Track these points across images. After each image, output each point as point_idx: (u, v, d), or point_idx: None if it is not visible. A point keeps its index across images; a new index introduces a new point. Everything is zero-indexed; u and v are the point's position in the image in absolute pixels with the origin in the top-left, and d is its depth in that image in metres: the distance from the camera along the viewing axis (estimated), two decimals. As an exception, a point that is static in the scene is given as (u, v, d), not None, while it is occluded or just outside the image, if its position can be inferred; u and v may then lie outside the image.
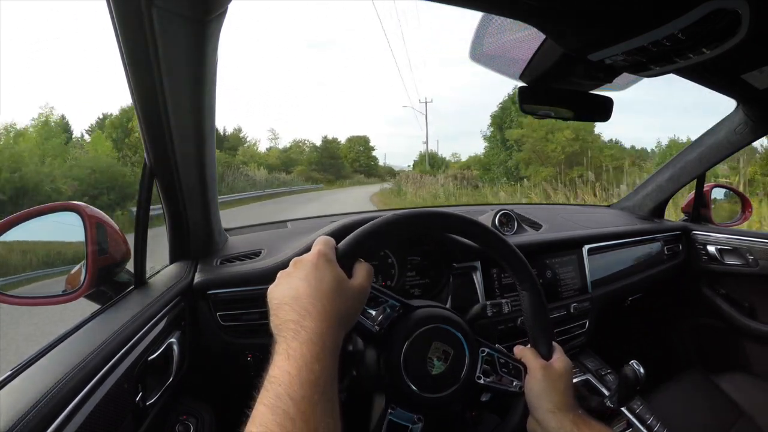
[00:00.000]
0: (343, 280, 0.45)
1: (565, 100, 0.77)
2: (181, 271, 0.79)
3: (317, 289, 0.42)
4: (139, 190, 0.69)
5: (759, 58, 0.69)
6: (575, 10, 0.49)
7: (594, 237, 1.14)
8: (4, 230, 0.61)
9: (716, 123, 1.19)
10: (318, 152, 40.88)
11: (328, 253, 0.47)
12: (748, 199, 1.43)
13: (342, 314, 0.43)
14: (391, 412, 0.54)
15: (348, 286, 0.45)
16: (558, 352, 0.61)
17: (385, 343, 0.54)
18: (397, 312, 0.56)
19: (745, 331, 1.26)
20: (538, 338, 0.61)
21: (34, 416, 0.37)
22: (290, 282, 0.44)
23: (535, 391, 0.56)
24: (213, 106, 0.61)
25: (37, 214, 0.63)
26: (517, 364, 0.60)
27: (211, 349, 0.79)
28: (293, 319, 0.40)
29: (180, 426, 0.69)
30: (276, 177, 24.55)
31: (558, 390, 0.56)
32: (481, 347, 0.59)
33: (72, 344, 0.51)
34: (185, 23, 0.44)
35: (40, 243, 0.71)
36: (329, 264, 0.45)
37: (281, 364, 0.37)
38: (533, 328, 0.62)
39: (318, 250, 0.46)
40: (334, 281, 0.44)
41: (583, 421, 0.53)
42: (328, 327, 0.40)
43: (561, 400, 0.55)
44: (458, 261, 0.93)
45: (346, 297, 0.44)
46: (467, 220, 0.59)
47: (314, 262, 0.45)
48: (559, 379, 0.57)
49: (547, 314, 0.62)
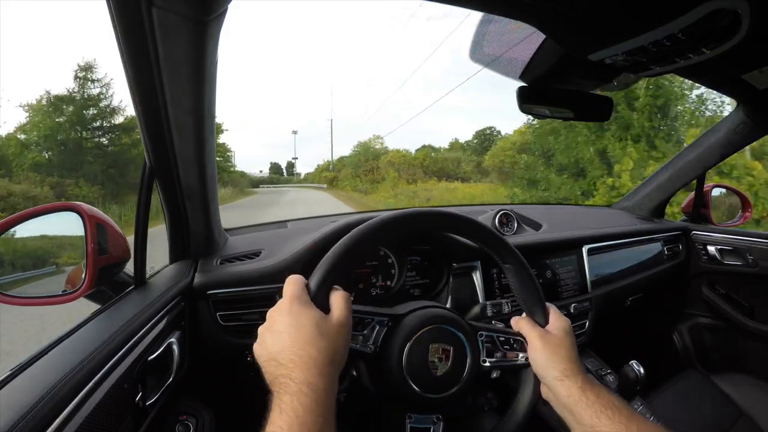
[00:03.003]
0: (321, 319, 0.44)
1: (565, 100, 0.77)
2: (181, 271, 0.79)
3: (297, 337, 0.42)
4: (139, 190, 0.69)
5: (759, 58, 0.69)
6: (575, 10, 0.49)
7: (594, 237, 1.14)
8: (4, 230, 0.61)
9: (716, 123, 1.19)
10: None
11: (300, 295, 0.46)
12: (748, 199, 1.43)
13: (330, 354, 0.42)
14: (410, 421, 0.55)
15: (328, 324, 0.44)
16: (553, 315, 0.60)
17: (384, 359, 0.54)
18: (386, 326, 0.55)
19: (744, 331, 1.26)
20: (531, 307, 0.60)
21: (34, 416, 0.37)
22: (272, 336, 0.44)
23: (539, 361, 0.56)
24: (213, 106, 0.61)
25: (37, 213, 0.63)
26: (517, 338, 0.60)
27: (211, 349, 0.79)
28: (282, 372, 0.41)
29: (180, 426, 0.69)
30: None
31: (560, 357, 0.55)
32: (479, 331, 0.59)
33: (72, 344, 0.51)
34: (185, 23, 0.44)
35: (40, 243, 0.71)
36: (303, 307, 0.45)
37: (274, 419, 0.38)
38: (525, 299, 0.61)
39: (289, 294, 0.46)
40: (312, 324, 0.43)
41: (591, 387, 0.52)
42: (317, 374, 0.40)
43: (566, 367, 0.54)
44: (458, 261, 0.93)
45: (328, 336, 0.43)
46: (432, 213, 0.58)
47: (288, 310, 0.44)
48: (559, 346, 0.56)
49: (534, 281, 0.60)
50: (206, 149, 0.66)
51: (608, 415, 0.48)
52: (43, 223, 0.64)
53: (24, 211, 0.62)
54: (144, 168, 0.69)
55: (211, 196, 0.77)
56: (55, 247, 0.71)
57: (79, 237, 0.63)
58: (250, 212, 12.73)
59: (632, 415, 0.48)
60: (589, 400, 0.50)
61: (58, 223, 0.66)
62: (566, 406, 0.52)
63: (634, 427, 0.46)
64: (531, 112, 0.77)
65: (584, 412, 0.50)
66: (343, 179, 30.00)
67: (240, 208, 14.99)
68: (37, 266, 0.69)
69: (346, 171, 30.78)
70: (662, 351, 1.47)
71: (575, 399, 0.51)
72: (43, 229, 0.66)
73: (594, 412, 0.49)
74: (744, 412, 1.05)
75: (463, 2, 0.49)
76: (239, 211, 12.68)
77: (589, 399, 0.50)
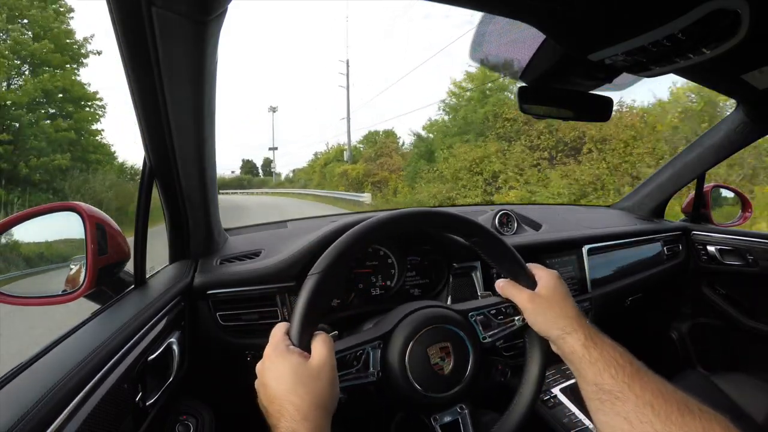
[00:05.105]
0: (300, 365, 0.44)
1: (565, 100, 0.77)
2: (181, 271, 0.79)
3: (278, 389, 0.43)
4: (139, 190, 0.69)
5: (759, 58, 0.69)
6: (575, 10, 0.49)
7: (594, 237, 1.14)
8: (3, 230, 0.61)
9: (717, 123, 1.19)
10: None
11: (279, 344, 0.46)
12: (748, 199, 1.43)
13: (313, 400, 0.42)
14: (436, 422, 0.56)
15: (309, 369, 0.44)
16: (539, 273, 0.59)
17: (391, 379, 0.54)
18: (379, 347, 0.55)
19: (745, 331, 1.26)
20: (514, 274, 0.60)
21: (34, 416, 0.37)
22: (261, 388, 0.45)
23: (536, 325, 0.56)
24: (213, 106, 0.60)
25: (36, 213, 0.63)
26: (508, 304, 0.60)
27: (211, 349, 0.79)
28: (272, 422, 0.42)
29: (180, 426, 0.69)
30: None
31: (556, 315, 0.54)
32: (469, 313, 0.59)
33: (72, 344, 0.51)
34: (185, 23, 0.44)
35: (40, 243, 0.71)
36: (282, 356, 0.45)
37: None
38: (506, 269, 0.60)
39: (271, 343, 0.47)
40: (291, 373, 0.43)
41: (593, 342, 0.51)
42: (301, 420, 0.41)
43: (565, 324, 0.53)
44: (458, 261, 0.93)
45: (311, 382, 0.43)
46: (396, 217, 0.55)
47: (270, 361, 0.45)
48: (551, 305, 0.55)
49: (508, 247, 0.60)
50: (206, 149, 0.66)
51: (611, 374, 0.47)
52: (42, 224, 0.64)
53: (24, 211, 0.62)
54: (144, 168, 0.69)
55: (211, 196, 0.77)
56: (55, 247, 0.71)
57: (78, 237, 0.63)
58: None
59: (635, 373, 0.47)
60: (592, 357, 0.50)
61: (58, 223, 0.66)
62: (571, 363, 0.52)
63: (637, 386, 0.46)
64: (531, 112, 0.77)
65: (587, 370, 0.49)
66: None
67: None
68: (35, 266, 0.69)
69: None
70: (662, 351, 1.47)
71: (579, 356, 0.51)
72: (42, 230, 0.66)
73: (597, 370, 0.48)
74: (744, 412, 1.05)
75: (463, 2, 0.49)
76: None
77: (592, 356, 0.50)
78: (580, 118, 0.82)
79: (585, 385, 0.50)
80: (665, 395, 0.44)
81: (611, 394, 0.46)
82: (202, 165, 0.69)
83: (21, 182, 10.18)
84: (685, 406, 0.42)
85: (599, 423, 0.48)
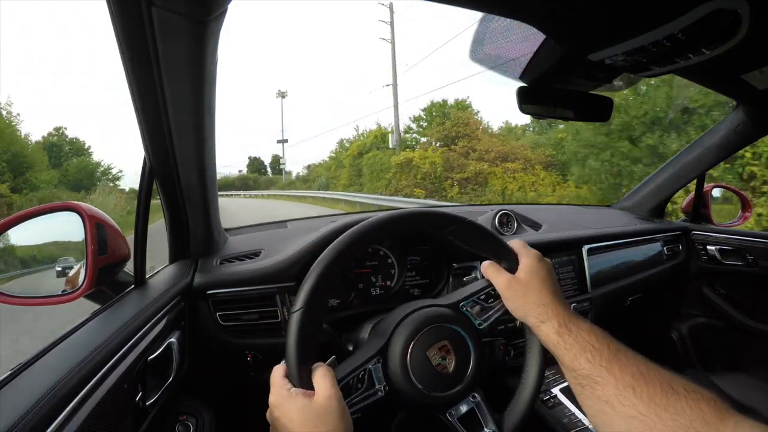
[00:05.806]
0: (306, 407, 0.43)
1: (565, 100, 0.77)
2: (180, 271, 0.79)
3: (290, 430, 0.43)
4: (139, 190, 0.69)
5: (759, 58, 0.69)
6: (575, 10, 0.49)
7: (594, 237, 1.14)
8: (3, 230, 0.61)
9: (717, 123, 1.19)
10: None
11: (281, 389, 0.45)
12: (748, 199, 1.43)
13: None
14: (452, 418, 0.56)
15: (315, 407, 0.44)
16: (520, 252, 0.58)
17: (399, 390, 0.54)
18: (379, 362, 0.55)
19: (744, 331, 1.26)
20: (496, 255, 0.59)
21: (34, 416, 0.37)
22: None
23: (514, 312, 0.55)
24: (213, 106, 0.61)
25: (36, 213, 0.63)
26: (492, 290, 0.59)
27: (211, 349, 0.79)
28: None
29: (180, 426, 0.69)
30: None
31: (531, 303, 0.53)
32: (459, 304, 0.59)
33: (72, 344, 0.51)
34: (185, 23, 0.44)
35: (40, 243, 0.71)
36: (287, 401, 0.44)
37: None
38: (488, 251, 0.59)
39: (273, 391, 0.46)
40: (301, 416, 0.43)
41: (568, 331, 0.50)
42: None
43: (540, 312, 0.52)
44: (458, 261, 0.93)
45: (317, 418, 0.43)
46: (375, 225, 0.54)
47: (277, 409, 0.45)
48: (527, 291, 0.54)
49: (484, 230, 0.59)
50: (206, 149, 0.66)
51: (587, 359, 0.47)
52: (42, 224, 0.64)
53: (24, 211, 0.62)
54: (144, 168, 0.69)
55: (211, 196, 0.77)
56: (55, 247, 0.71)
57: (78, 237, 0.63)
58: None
59: (613, 356, 0.46)
60: (567, 343, 0.49)
61: (58, 223, 0.66)
62: (550, 351, 0.52)
63: (616, 368, 0.45)
64: (531, 112, 0.77)
65: (564, 356, 0.49)
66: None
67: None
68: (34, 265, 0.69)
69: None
70: (662, 351, 1.47)
71: (554, 343, 0.50)
72: (42, 230, 0.66)
73: (573, 355, 0.48)
74: (744, 413, 1.05)
75: (463, 2, 0.49)
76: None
77: (567, 343, 0.49)
78: (580, 118, 0.82)
79: (565, 372, 0.50)
80: (647, 377, 0.43)
81: (590, 378, 0.46)
82: (202, 165, 0.69)
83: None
84: (670, 386, 0.41)
85: (584, 408, 0.47)
